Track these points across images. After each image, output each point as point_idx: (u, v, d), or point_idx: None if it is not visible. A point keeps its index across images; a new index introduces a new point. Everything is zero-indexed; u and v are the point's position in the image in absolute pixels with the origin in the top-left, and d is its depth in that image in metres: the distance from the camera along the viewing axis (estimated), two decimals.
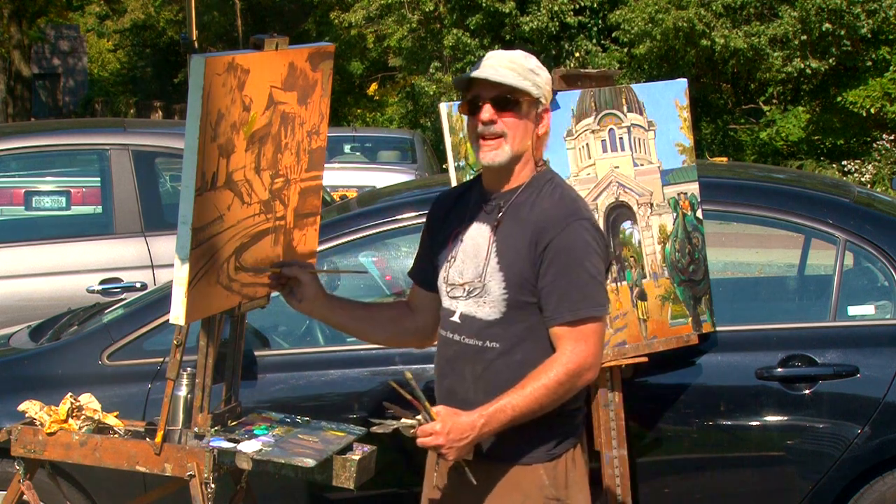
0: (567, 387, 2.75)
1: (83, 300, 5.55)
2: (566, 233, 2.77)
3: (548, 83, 2.89)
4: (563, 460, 2.87)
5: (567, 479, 2.87)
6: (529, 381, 2.74)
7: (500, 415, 2.73)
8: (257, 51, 3.07)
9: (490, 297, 2.84)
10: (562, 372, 2.73)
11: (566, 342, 2.76)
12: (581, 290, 2.75)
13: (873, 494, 3.93)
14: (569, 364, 2.73)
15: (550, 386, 2.73)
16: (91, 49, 43.08)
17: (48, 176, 8.39)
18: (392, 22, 25.68)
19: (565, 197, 2.85)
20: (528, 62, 2.88)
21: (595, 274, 2.78)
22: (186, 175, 2.92)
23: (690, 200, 3.95)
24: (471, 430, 2.71)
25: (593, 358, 2.77)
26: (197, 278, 2.98)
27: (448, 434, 2.70)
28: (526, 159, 2.88)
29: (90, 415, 3.33)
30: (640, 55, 21.15)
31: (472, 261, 2.89)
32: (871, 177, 18.36)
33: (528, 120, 2.85)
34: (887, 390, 3.90)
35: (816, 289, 4.92)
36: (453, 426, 2.70)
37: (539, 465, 2.85)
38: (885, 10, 19.01)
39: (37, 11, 32.84)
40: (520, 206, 2.85)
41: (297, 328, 4.52)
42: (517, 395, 2.73)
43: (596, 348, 2.77)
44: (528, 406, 2.73)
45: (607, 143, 3.80)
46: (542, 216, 2.80)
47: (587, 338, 2.76)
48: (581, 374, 2.75)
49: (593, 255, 2.78)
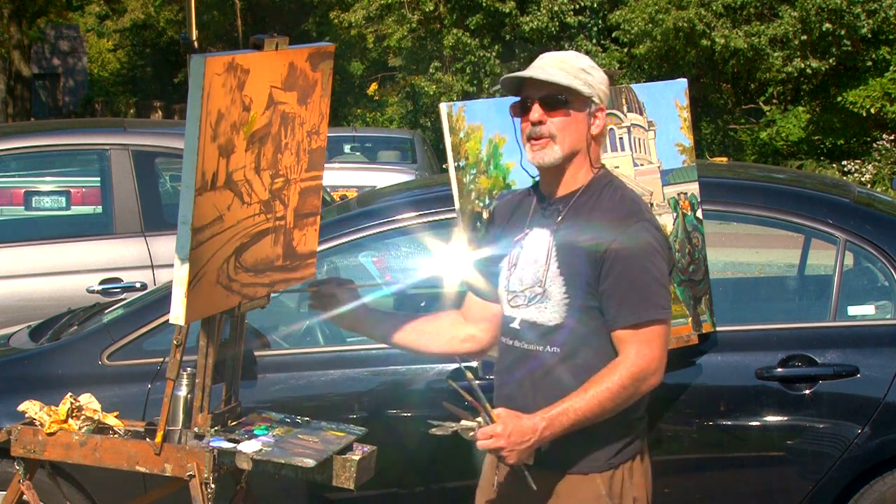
0: (630, 391, 2.70)
1: (83, 300, 5.55)
2: (628, 234, 2.72)
3: (603, 82, 2.84)
4: (621, 471, 2.83)
5: (622, 490, 2.83)
6: (592, 385, 2.70)
7: (562, 418, 2.69)
8: (257, 51, 3.07)
9: (551, 302, 2.81)
10: (626, 375, 2.69)
11: (629, 346, 2.71)
12: (643, 293, 2.71)
13: (873, 494, 3.92)
14: (633, 368, 2.69)
15: (614, 390, 2.68)
16: (91, 49, 43.08)
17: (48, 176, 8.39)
18: (392, 22, 25.68)
19: (626, 198, 2.81)
20: (580, 61, 2.84)
21: (658, 276, 2.73)
22: (186, 175, 2.92)
23: (690, 200, 3.95)
24: (532, 434, 2.67)
25: (658, 362, 2.72)
26: (197, 278, 2.98)
27: (509, 437, 2.66)
28: (580, 161, 2.84)
29: (90, 415, 3.33)
30: (640, 55, 21.15)
31: (531, 267, 2.86)
32: (871, 177, 18.36)
33: (580, 120, 2.82)
34: (887, 390, 3.90)
35: (816, 289, 4.92)
36: (514, 429, 2.66)
37: (596, 474, 2.81)
38: (885, 10, 19.01)
39: (37, 11, 32.83)
40: (580, 210, 2.82)
41: (297, 328, 4.52)
42: (579, 399, 2.69)
43: (660, 352, 2.73)
44: (590, 410, 2.69)
45: (607, 143, 3.80)
46: (603, 218, 2.76)
47: (651, 341, 2.71)
48: (645, 379, 2.71)
49: (656, 257, 2.74)
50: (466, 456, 3.44)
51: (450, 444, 3.93)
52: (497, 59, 22.80)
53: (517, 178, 3.59)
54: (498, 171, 3.60)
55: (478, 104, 3.67)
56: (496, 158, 3.63)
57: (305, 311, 4.61)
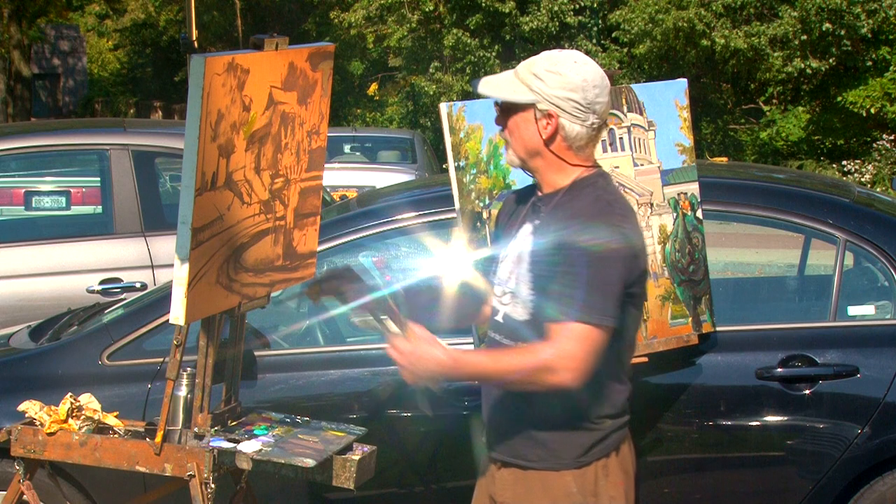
0: (535, 377, 2.69)
1: (83, 300, 5.55)
2: (585, 234, 2.72)
3: (562, 87, 2.79)
4: (594, 468, 2.84)
5: (597, 487, 2.84)
6: (507, 353, 2.75)
7: (467, 367, 2.74)
8: (257, 51, 3.07)
9: (521, 299, 2.84)
10: (534, 360, 2.69)
11: (555, 336, 2.70)
12: (582, 294, 2.70)
13: (873, 494, 3.92)
14: (546, 357, 2.68)
15: (520, 368, 2.69)
16: (91, 49, 43.09)
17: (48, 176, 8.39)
18: (392, 22, 25.67)
19: (599, 200, 2.79)
20: (537, 66, 2.82)
21: (603, 281, 2.70)
22: (186, 175, 2.92)
23: (690, 200, 3.95)
24: (436, 365, 2.69)
25: (574, 362, 2.67)
26: (197, 278, 2.98)
27: (411, 356, 2.69)
28: (549, 162, 2.84)
29: (90, 415, 3.33)
30: (640, 55, 21.16)
31: (513, 262, 2.89)
32: (871, 177, 18.36)
33: (526, 125, 2.83)
34: (887, 390, 3.90)
35: (816, 289, 4.92)
36: (421, 352, 2.69)
37: (568, 471, 2.82)
38: (885, 10, 19.01)
39: (37, 11, 32.85)
40: (558, 210, 2.83)
41: (297, 328, 4.52)
42: (489, 359, 2.74)
43: (579, 353, 2.68)
44: (493, 373, 2.73)
45: (607, 143, 3.80)
46: (570, 219, 2.77)
47: (573, 340, 2.68)
48: (553, 372, 2.67)
49: (609, 262, 2.71)
50: (467, 456, 3.45)
51: (450, 444, 3.95)
52: (497, 59, 22.80)
53: (517, 178, 3.59)
54: (498, 171, 3.60)
55: (478, 104, 3.67)
56: (496, 158, 3.63)
57: (305, 311, 4.61)
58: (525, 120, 2.83)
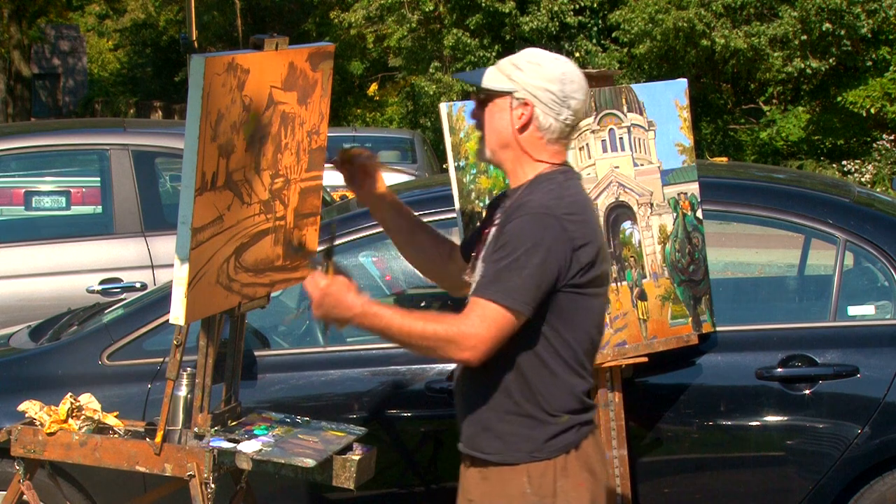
0: (437, 345, 2.71)
1: (83, 300, 5.55)
2: (521, 220, 2.74)
3: (541, 77, 2.82)
4: (552, 465, 2.79)
5: (555, 486, 2.79)
6: (418, 315, 2.73)
7: (375, 319, 2.72)
8: (257, 51, 3.07)
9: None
10: (441, 330, 2.70)
11: (468, 312, 2.71)
12: (500, 275, 2.71)
13: (873, 494, 3.93)
14: (453, 329, 2.69)
15: (426, 334, 2.70)
16: (91, 49, 43.09)
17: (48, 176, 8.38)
18: (392, 22, 25.68)
19: (551, 193, 2.80)
20: (519, 58, 2.86)
21: (526, 267, 2.70)
22: (186, 175, 2.92)
23: (690, 200, 3.95)
24: (346, 310, 2.70)
25: (476, 340, 2.69)
26: (197, 278, 2.98)
27: (324, 293, 2.70)
28: (516, 156, 2.86)
29: (90, 415, 3.33)
30: (640, 55, 21.16)
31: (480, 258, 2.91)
32: (871, 177, 18.37)
33: (501, 115, 2.84)
34: (887, 390, 3.90)
35: (816, 289, 4.92)
36: (335, 293, 2.70)
37: (523, 465, 2.80)
38: (885, 10, 19.01)
39: (37, 11, 32.84)
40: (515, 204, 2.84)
41: (296, 328, 4.52)
42: (398, 316, 2.73)
43: (486, 333, 2.69)
44: (398, 332, 2.72)
45: (607, 143, 3.80)
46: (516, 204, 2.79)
47: (483, 318, 2.69)
48: (456, 344, 2.69)
49: (537, 249, 2.71)
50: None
51: (450, 444, 3.95)
52: (497, 59, 22.76)
53: None
54: (498, 171, 3.59)
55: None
56: None
57: (305, 311, 4.61)
58: (500, 108, 2.84)
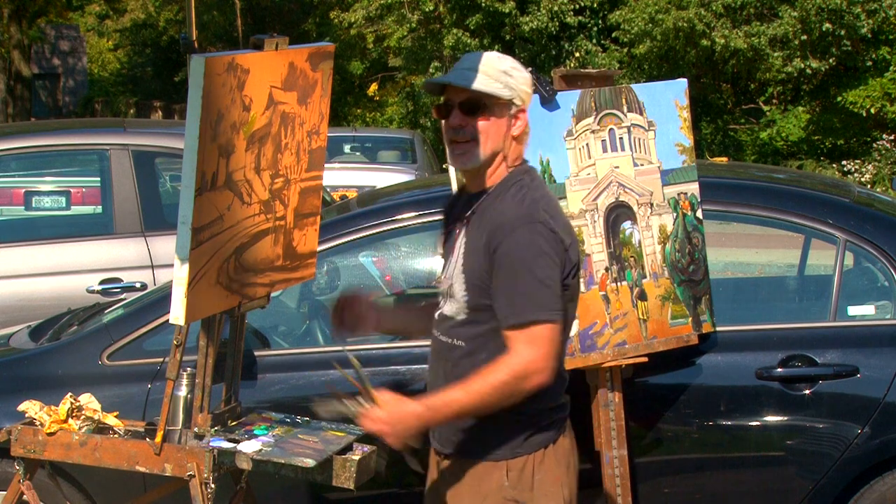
0: (512, 388, 2.72)
1: (83, 300, 5.55)
2: (514, 236, 2.74)
3: (526, 83, 2.85)
4: (530, 460, 2.83)
5: (533, 481, 2.84)
6: (476, 379, 2.73)
7: (445, 409, 2.74)
8: (257, 51, 3.07)
9: (455, 298, 2.86)
10: (506, 373, 2.71)
11: (514, 344, 2.73)
12: (527, 295, 2.72)
13: (873, 494, 3.93)
14: (515, 366, 2.71)
15: (495, 385, 2.71)
16: (91, 49, 43.08)
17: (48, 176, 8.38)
18: (392, 22, 25.68)
19: (525, 198, 2.81)
20: (502, 63, 2.85)
21: (543, 278, 2.73)
22: (186, 175, 2.92)
23: (690, 200, 3.95)
24: (413, 419, 2.72)
25: (542, 362, 2.72)
26: (197, 278, 2.98)
27: (390, 421, 2.72)
28: (499, 161, 2.86)
29: (90, 415, 3.33)
30: (640, 55, 21.15)
31: (451, 262, 2.91)
32: (871, 177, 18.35)
33: (500, 123, 2.84)
34: (887, 390, 3.90)
35: (816, 289, 4.92)
36: (395, 413, 2.72)
37: (502, 461, 2.83)
38: (885, 10, 19.00)
39: (37, 11, 32.84)
40: (486, 208, 2.84)
41: (297, 328, 4.52)
42: (462, 392, 2.73)
43: (545, 352, 2.72)
44: (471, 403, 2.72)
45: (607, 142, 3.80)
46: (498, 218, 2.78)
47: (534, 341, 2.72)
48: (527, 377, 2.71)
49: (543, 259, 2.74)
50: None
51: None
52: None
53: None
54: None
55: None
56: None
57: (305, 311, 4.61)
58: (500, 117, 2.84)
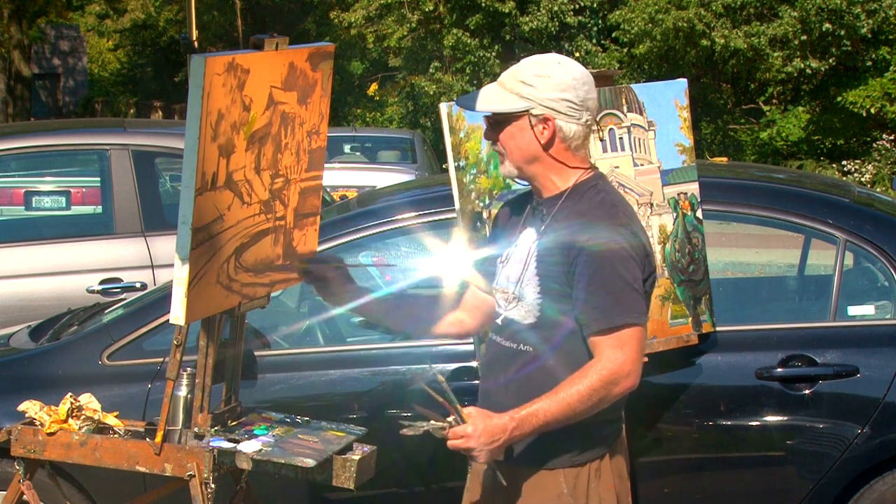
0: (602, 394, 2.72)
1: (83, 300, 5.55)
2: (599, 238, 2.74)
3: (553, 89, 2.82)
4: (587, 469, 2.85)
5: (588, 489, 2.85)
6: (564, 387, 2.72)
7: (532, 419, 2.71)
8: (257, 51, 3.07)
9: (525, 303, 2.85)
10: (596, 379, 2.70)
11: (602, 349, 2.73)
12: (615, 297, 2.72)
13: (873, 494, 3.92)
14: (604, 371, 2.71)
15: (584, 392, 2.70)
16: (91, 49, 43.06)
17: (48, 176, 8.39)
18: (392, 22, 25.66)
19: (605, 203, 2.82)
20: (524, 72, 2.85)
21: (630, 281, 2.74)
22: (186, 175, 2.92)
23: (690, 200, 3.95)
24: (502, 433, 2.70)
25: (631, 365, 2.73)
26: (197, 278, 2.98)
27: (479, 437, 2.69)
28: (546, 168, 2.86)
29: (90, 415, 3.33)
30: (640, 55, 21.16)
31: (517, 266, 2.89)
32: (871, 177, 18.36)
33: (522, 133, 2.84)
34: (887, 390, 3.90)
35: (816, 289, 4.92)
36: (484, 429, 2.69)
37: (560, 470, 2.84)
38: (885, 10, 19.01)
39: (37, 11, 32.82)
40: (562, 213, 2.84)
41: (297, 328, 4.52)
42: (550, 401, 2.71)
43: (634, 355, 2.73)
44: (560, 412, 2.71)
45: (607, 143, 3.80)
46: (578, 223, 2.78)
47: (623, 345, 2.72)
48: (617, 382, 2.72)
49: (629, 262, 2.75)
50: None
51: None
52: (497, 59, 22.79)
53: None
54: (498, 171, 3.60)
55: None
56: (496, 158, 3.62)
57: (305, 311, 4.61)
58: (520, 129, 2.85)
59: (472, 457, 2.73)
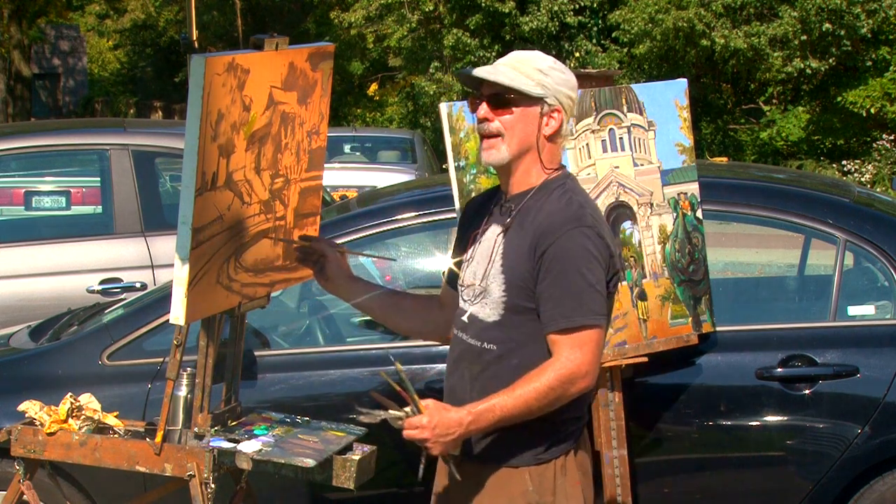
0: (559, 393, 2.72)
1: (83, 300, 5.55)
2: (563, 239, 2.74)
3: (565, 84, 2.84)
4: (552, 466, 2.85)
5: (555, 485, 2.85)
6: (520, 384, 2.73)
7: (489, 414, 2.72)
8: (257, 51, 3.07)
9: (490, 299, 2.85)
10: (553, 377, 2.71)
11: (560, 349, 2.74)
12: (576, 298, 2.73)
13: (873, 494, 3.93)
14: (561, 370, 2.71)
15: (541, 390, 2.71)
16: (91, 49, 43.07)
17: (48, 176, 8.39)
18: (392, 22, 25.66)
19: (572, 202, 2.81)
20: (540, 62, 2.85)
21: (592, 282, 2.74)
22: (186, 175, 2.92)
23: (690, 200, 3.95)
24: (457, 427, 2.71)
25: (588, 366, 2.73)
26: (197, 278, 2.98)
27: (434, 429, 2.70)
28: (531, 161, 2.86)
29: (90, 415, 3.33)
30: (640, 55, 21.15)
31: (482, 263, 2.89)
32: (871, 177, 18.36)
33: (529, 119, 2.83)
34: (887, 390, 3.90)
35: (816, 289, 4.92)
36: (440, 421, 2.70)
37: (525, 468, 2.84)
38: (885, 10, 19.00)
39: (37, 11, 32.83)
40: (528, 211, 2.84)
41: (297, 328, 4.52)
42: (506, 397, 2.72)
43: (591, 356, 2.74)
44: (516, 408, 2.72)
45: (607, 143, 3.80)
46: (544, 221, 2.78)
47: (582, 345, 2.73)
48: (574, 382, 2.73)
49: (591, 263, 2.75)
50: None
51: None
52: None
53: None
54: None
55: None
56: None
57: (305, 311, 4.61)
58: (530, 114, 2.84)
59: (426, 448, 2.74)
